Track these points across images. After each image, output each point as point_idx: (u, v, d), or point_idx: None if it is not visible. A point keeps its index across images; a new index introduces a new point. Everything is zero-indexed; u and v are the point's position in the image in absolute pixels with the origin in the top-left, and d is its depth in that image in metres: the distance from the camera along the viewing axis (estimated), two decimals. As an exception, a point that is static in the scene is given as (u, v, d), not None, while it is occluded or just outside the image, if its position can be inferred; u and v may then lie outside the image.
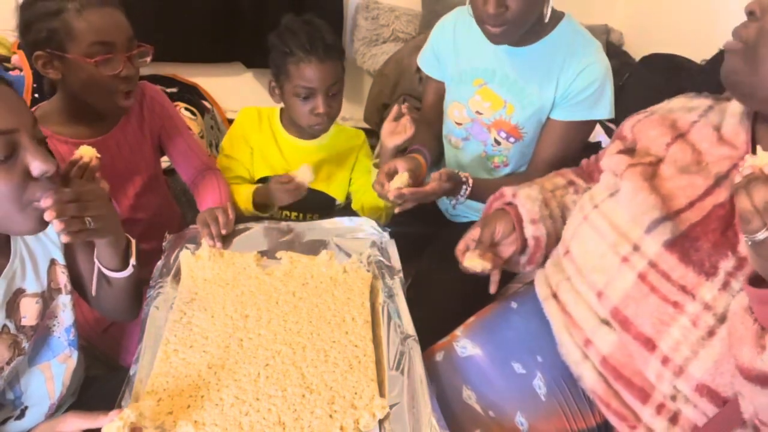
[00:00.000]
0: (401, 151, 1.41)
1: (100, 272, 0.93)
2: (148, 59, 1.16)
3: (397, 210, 1.19)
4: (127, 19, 1.12)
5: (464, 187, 1.22)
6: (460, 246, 1.02)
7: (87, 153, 1.00)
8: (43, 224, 0.77)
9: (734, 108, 0.86)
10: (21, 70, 2.02)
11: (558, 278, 0.97)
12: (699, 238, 0.77)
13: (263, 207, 1.35)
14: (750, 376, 0.66)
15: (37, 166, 0.73)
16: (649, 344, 0.78)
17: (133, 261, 0.93)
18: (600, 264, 0.86)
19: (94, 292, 0.95)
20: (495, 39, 1.18)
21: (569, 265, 0.94)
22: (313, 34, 1.24)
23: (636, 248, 0.82)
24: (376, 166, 1.28)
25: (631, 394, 0.81)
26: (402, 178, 1.14)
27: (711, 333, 0.73)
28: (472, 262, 0.97)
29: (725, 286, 0.74)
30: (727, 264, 0.74)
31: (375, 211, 1.40)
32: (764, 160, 0.61)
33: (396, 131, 1.26)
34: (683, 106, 0.94)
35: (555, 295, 0.95)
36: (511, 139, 1.33)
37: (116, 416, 0.70)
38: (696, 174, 0.82)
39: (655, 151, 0.89)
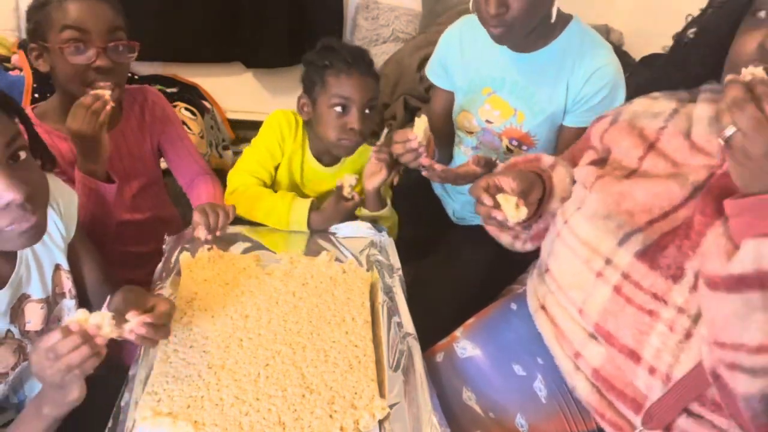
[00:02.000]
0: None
1: None
2: (133, 55, 1.14)
3: (424, 162, 1.15)
4: (117, 13, 1.11)
5: None
6: (482, 183, 0.91)
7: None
8: (31, 240, 0.75)
9: (700, 112, 0.83)
10: (21, 70, 2.02)
11: (544, 290, 0.96)
12: (667, 246, 0.76)
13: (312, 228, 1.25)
14: (717, 285, 0.66)
15: (0, 196, 0.68)
16: (634, 356, 0.77)
17: None
18: (577, 281, 0.85)
19: None
20: (498, 39, 1.17)
21: (551, 282, 0.93)
22: (356, 52, 1.24)
23: (608, 262, 0.80)
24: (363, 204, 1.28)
25: (624, 404, 0.81)
26: (422, 122, 1.12)
27: (688, 335, 0.72)
28: (509, 206, 0.86)
29: (695, 286, 0.73)
30: (693, 263, 0.74)
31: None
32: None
33: (374, 171, 1.22)
34: (647, 111, 0.90)
35: (543, 307, 0.95)
36: (524, 147, 1.31)
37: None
38: (673, 180, 0.80)
39: (627, 164, 0.87)
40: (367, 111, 1.25)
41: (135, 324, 0.76)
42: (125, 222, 1.27)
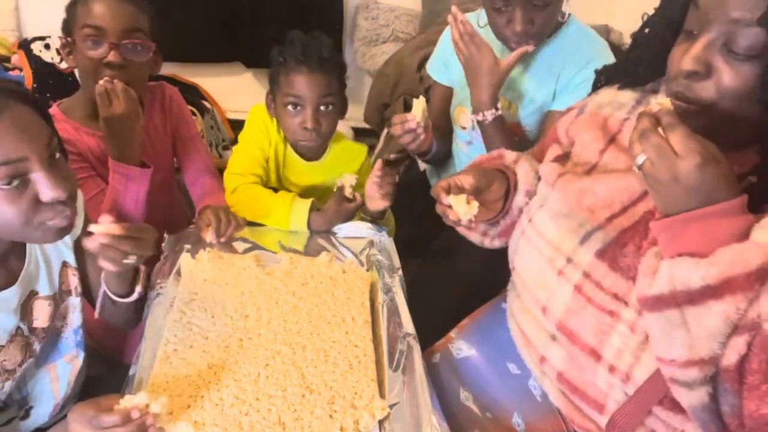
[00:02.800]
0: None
1: (105, 295, 0.92)
2: (149, 55, 1.16)
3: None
4: (140, 14, 1.15)
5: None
6: (442, 183, 0.90)
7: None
8: (60, 235, 0.77)
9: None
10: (21, 70, 2.02)
11: (511, 297, 0.96)
12: (627, 244, 0.76)
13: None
14: (643, 304, 0.68)
15: (46, 193, 0.71)
16: (595, 355, 0.77)
17: (139, 288, 0.93)
18: (541, 279, 0.85)
19: (97, 314, 0.95)
20: (516, 48, 1.20)
21: (517, 281, 0.93)
22: (310, 46, 1.20)
23: (569, 260, 0.80)
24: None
25: (588, 405, 0.81)
26: (420, 102, 1.14)
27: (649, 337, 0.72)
28: (459, 203, 0.86)
29: None
30: None
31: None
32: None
33: (375, 197, 1.22)
34: (612, 101, 0.90)
35: (513, 315, 0.95)
36: (515, 138, 1.33)
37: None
38: (632, 174, 0.80)
39: (587, 158, 0.87)
40: (323, 108, 1.22)
41: (98, 230, 0.75)
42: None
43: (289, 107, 1.22)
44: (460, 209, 0.86)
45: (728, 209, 0.62)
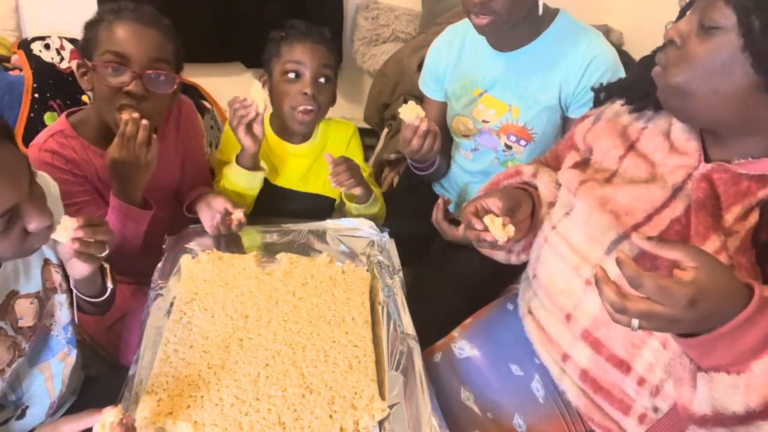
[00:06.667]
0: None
1: (80, 299, 0.93)
2: (171, 87, 1.11)
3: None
4: (167, 42, 1.10)
5: None
6: (470, 208, 0.91)
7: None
8: (36, 251, 0.79)
9: None
10: (21, 70, 2.02)
11: (529, 295, 0.96)
12: (658, 256, 0.75)
13: (252, 168, 1.26)
14: (687, 415, 0.67)
15: (34, 223, 0.72)
16: (624, 366, 0.77)
17: (110, 284, 0.94)
18: (566, 287, 0.85)
19: (75, 318, 0.95)
20: (482, 29, 1.18)
21: (538, 288, 0.93)
22: (312, 28, 1.27)
23: None
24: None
25: (612, 405, 0.81)
26: (411, 106, 1.18)
27: (682, 353, 0.72)
28: (495, 226, 0.86)
29: None
30: None
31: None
32: None
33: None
34: (629, 109, 0.91)
35: (530, 312, 0.95)
36: (522, 142, 1.32)
37: (105, 413, 0.71)
38: (653, 183, 0.80)
39: (607, 165, 0.87)
40: (321, 80, 1.26)
41: (67, 234, 0.78)
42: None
43: (290, 74, 1.25)
44: (497, 232, 0.86)
45: (749, 317, 0.60)
